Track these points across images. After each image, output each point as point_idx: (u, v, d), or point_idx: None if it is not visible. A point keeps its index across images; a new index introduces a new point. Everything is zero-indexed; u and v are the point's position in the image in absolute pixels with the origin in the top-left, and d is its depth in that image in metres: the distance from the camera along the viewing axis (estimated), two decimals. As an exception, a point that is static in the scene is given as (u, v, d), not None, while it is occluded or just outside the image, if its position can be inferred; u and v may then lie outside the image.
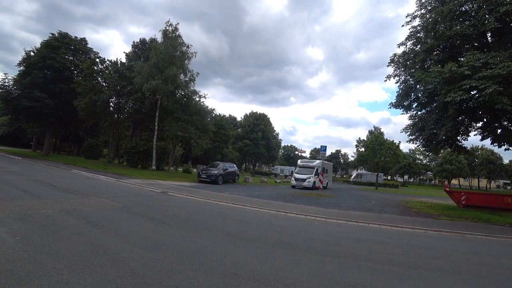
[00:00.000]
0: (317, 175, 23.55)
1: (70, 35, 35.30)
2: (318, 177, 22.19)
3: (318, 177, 22.53)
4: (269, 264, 4.35)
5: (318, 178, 22.22)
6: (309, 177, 24.56)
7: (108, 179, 16.36)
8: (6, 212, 6.07)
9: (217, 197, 12.58)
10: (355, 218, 10.14)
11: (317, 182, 21.85)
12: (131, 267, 3.72)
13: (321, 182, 21.58)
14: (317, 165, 25.73)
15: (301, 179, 24.75)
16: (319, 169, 24.69)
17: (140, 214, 7.47)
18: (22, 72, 32.53)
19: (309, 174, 25.00)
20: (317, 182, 22.41)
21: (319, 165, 25.33)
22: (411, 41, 16.10)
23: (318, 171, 24.60)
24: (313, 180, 24.05)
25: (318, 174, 23.74)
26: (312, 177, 24.48)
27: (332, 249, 5.60)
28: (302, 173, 25.47)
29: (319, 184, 20.56)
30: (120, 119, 33.15)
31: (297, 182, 24.87)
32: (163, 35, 26.67)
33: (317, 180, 22.60)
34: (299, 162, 28.19)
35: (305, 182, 24.32)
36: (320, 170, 24.19)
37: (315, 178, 23.90)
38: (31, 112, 31.55)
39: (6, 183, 10.40)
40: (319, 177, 21.87)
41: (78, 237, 4.85)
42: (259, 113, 60.84)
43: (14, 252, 3.90)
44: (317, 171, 24.73)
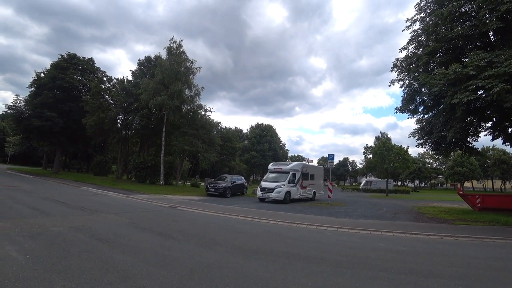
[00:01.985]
0: (294, 182, 18.79)
1: (78, 56, 36.40)
2: (296, 185, 18.73)
3: (295, 185, 18.71)
4: (281, 278, 4.22)
5: (295, 186, 18.66)
6: (279, 186, 17.88)
7: (117, 195, 16.42)
8: (17, 231, 6.10)
9: (226, 210, 12.47)
10: (367, 226, 9.91)
11: (297, 192, 18.87)
12: (141, 285, 3.65)
13: (302, 188, 18.99)
14: (292, 168, 19.56)
15: (268, 188, 18.07)
16: (297, 174, 19.21)
17: (149, 229, 7.42)
18: (33, 93, 33.57)
19: (280, 182, 18.36)
20: (295, 191, 18.64)
21: (296, 168, 19.58)
22: (413, 45, 16.06)
23: (296, 176, 19.06)
24: (286, 189, 17.84)
25: (295, 181, 18.91)
26: (283, 185, 17.94)
27: (345, 260, 5.43)
28: (271, 181, 19.00)
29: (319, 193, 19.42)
30: (127, 136, 33.58)
31: (263, 193, 18.29)
32: (168, 52, 27.24)
33: (294, 189, 18.54)
34: (269, 166, 21.52)
35: (273, 192, 17.63)
36: (299, 176, 19.28)
37: (289, 187, 18.19)
38: (42, 131, 32.29)
39: (18, 201, 10.52)
40: (297, 185, 18.71)
41: (88, 254, 4.81)
42: (265, 125, 61.09)
43: (24, 270, 3.88)
44: (293, 178, 18.88)
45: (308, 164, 23.75)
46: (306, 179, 20.47)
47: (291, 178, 18.61)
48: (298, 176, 19.20)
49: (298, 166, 19.97)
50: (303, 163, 21.22)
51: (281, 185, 18.01)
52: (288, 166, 20.29)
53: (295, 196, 18.62)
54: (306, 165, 21.98)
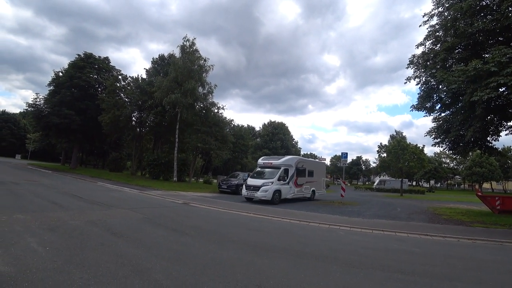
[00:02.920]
0: (286, 179, 16.36)
1: (94, 55, 37.36)
2: (289, 182, 16.45)
3: (287, 182, 16.37)
4: (294, 276, 4.22)
5: (288, 184, 16.38)
6: (266, 184, 15.37)
7: (131, 191, 16.78)
8: (37, 223, 6.34)
9: (238, 207, 12.54)
10: (380, 226, 9.75)
11: (290, 190, 16.54)
12: (155, 279, 3.72)
13: (297, 186, 16.98)
14: (284, 163, 16.74)
15: (254, 186, 15.60)
16: (291, 169, 16.73)
17: (163, 225, 7.55)
18: (52, 92, 34.75)
19: (268, 179, 15.87)
20: (287, 190, 16.24)
21: (289, 163, 16.88)
22: (430, 40, 15.58)
23: (288, 173, 16.57)
24: (275, 187, 15.33)
25: (288, 178, 16.49)
26: (271, 183, 15.41)
27: (358, 260, 5.36)
28: (259, 177, 16.54)
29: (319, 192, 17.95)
30: (142, 133, 34.20)
31: (248, 191, 15.83)
32: (181, 50, 27.55)
33: (286, 188, 16.18)
34: (259, 161, 18.72)
35: (259, 191, 15.18)
36: (293, 172, 16.80)
37: (280, 185, 15.72)
38: (60, 128, 33.36)
39: (38, 195, 10.93)
40: (290, 183, 16.48)
41: (104, 248, 4.95)
42: (277, 122, 60.93)
43: (45, 262, 4.03)
44: (285, 174, 16.33)
45: (305, 159, 20.80)
46: (302, 176, 17.95)
47: (282, 175, 16.03)
48: (292, 173, 16.74)
49: (292, 161, 17.17)
50: (299, 157, 18.45)
51: (268, 182, 15.44)
52: (279, 160, 17.18)
53: (287, 195, 16.35)
54: (303, 159, 19.23)
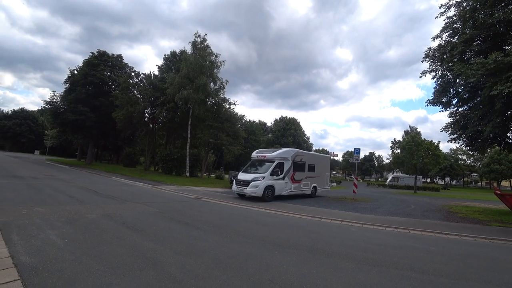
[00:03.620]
0: (281, 174, 14.87)
1: (107, 53, 38.01)
2: (284, 177, 15.00)
3: (282, 177, 14.91)
4: (306, 272, 4.21)
5: (283, 179, 14.93)
6: (257, 179, 13.99)
7: (145, 185, 17.11)
8: (56, 216, 6.56)
9: (249, 203, 12.59)
10: (394, 224, 9.59)
11: (286, 186, 15.14)
12: (168, 272, 3.79)
13: (294, 181, 15.66)
14: (278, 156, 15.16)
15: (244, 181, 14.19)
16: (286, 163, 15.27)
17: (176, 219, 7.67)
18: (68, 89, 35.67)
19: (260, 173, 14.50)
20: (281, 185, 14.84)
21: (284, 156, 15.32)
22: (447, 32, 15.05)
23: (284, 167, 15.11)
24: (266, 183, 13.90)
25: (283, 172, 15.03)
26: (263, 178, 14.01)
27: (371, 257, 5.31)
28: (250, 172, 15.27)
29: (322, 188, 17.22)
30: (154, 129, 34.74)
31: (238, 186, 14.45)
32: (192, 47, 27.70)
33: (280, 183, 14.78)
34: (253, 154, 17.08)
35: (249, 187, 13.78)
36: (289, 166, 15.35)
37: (272, 180, 14.29)
38: (76, 125, 34.26)
39: (56, 189, 11.29)
40: (285, 178, 15.05)
41: (119, 241, 5.07)
42: (289, 118, 60.59)
43: (64, 253, 4.17)
44: (279, 168, 14.82)
45: (305, 152, 18.99)
46: (300, 171, 16.45)
47: (275, 169, 14.54)
48: (288, 167, 15.28)
49: (288, 154, 15.63)
50: (296, 150, 16.90)
51: (259, 177, 14.07)
52: (273, 153, 15.56)
53: (282, 192, 14.98)
54: (302, 152, 17.48)
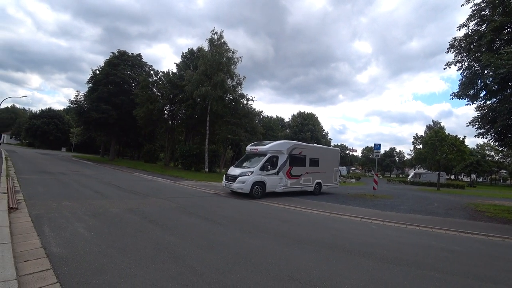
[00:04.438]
0: (274, 168, 13.58)
1: (127, 52, 39.05)
2: (278, 172, 13.70)
3: (276, 172, 13.62)
4: (325, 269, 4.19)
5: (277, 174, 13.64)
6: (244, 174, 12.86)
7: (165, 181, 17.54)
8: (83, 210, 6.88)
9: (268, 199, 12.62)
10: (416, 222, 9.32)
11: (281, 182, 13.81)
12: (190, 265, 3.89)
13: (291, 177, 14.26)
14: (271, 149, 13.82)
15: (232, 176, 13.16)
16: (281, 157, 13.93)
17: (196, 214, 7.83)
18: (91, 89, 37.05)
19: (249, 168, 13.32)
20: (275, 181, 13.58)
21: (278, 149, 13.97)
22: (474, 21, 14.24)
23: (278, 161, 13.80)
24: (255, 178, 12.72)
25: (277, 167, 13.70)
26: (251, 173, 12.82)
27: (392, 255, 5.20)
28: (240, 166, 14.11)
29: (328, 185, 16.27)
30: (174, 125, 35.43)
31: (226, 182, 13.40)
32: (210, 43, 27.88)
33: (274, 179, 13.51)
34: (247, 147, 15.84)
35: (235, 182, 12.69)
36: (284, 160, 13.98)
37: (263, 175, 13.06)
38: (99, 122, 35.58)
39: (82, 184, 11.81)
40: (280, 173, 13.74)
41: (142, 234, 5.25)
42: (307, 113, 60.00)
43: (91, 245, 4.38)
44: (271, 162, 13.54)
45: (306, 144, 17.20)
46: (300, 165, 15.01)
47: (266, 163, 13.27)
48: (283, 161, 13.96)
49: (283, 146, 14.23)
50: (294, 142, 15.45)
51: (247, 172, 12.90)
52: (266, 146, 14.13)
53: (276, 188, 13.68)
54: (301, 145, 15.76)
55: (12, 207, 6.25)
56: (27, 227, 5.08)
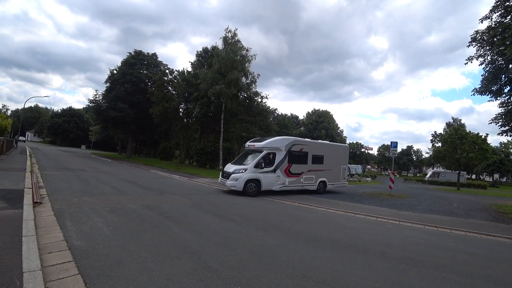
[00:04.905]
0: (271, 166, 13.12)
1: (143, 52, 39.80)
2: (276, 170, 13.18)
3: (273, 170, 13.10)
4: (340, 268, 4.16)
5: (274, 172, 13.12)
6: (238, 171, 12.59)
7: (181, 178, 17.83)
8: (102, 206, 7.10)
9: (282, 196, 12.61)
10: (434, 222, 9.07)
11: (279, 180, 13.26)
12: (205, 261, 3.96)
13: (290, 175, 13.61)
14: (267, 146, 13.33)
15: (227, 173, 12.92)
16: (279, 153, 13.36)
17: (211, 211, 7.94)
18: (108, 88, 38.07)
19: (244, 165, 13.05)
20: (271, 179, 13.05)
21: (275, 146, 13.39)
22: (498, 12, 13.55)
23: (275, 158, 13.28)
24: (249, 176, 12.38)
25: (274, 164, 13.18)
26: (245, 170, 12.52)
27: (409, 256, 5.09)
28: (237, 163, 13.85)
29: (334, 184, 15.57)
30: (189, 123, 35.93)
31: (222, 179, 13.19)
32: (224, 42, 28.02)
33: (270, 176, 13.01)
34: (246, 144, 15.37)
35: (229, 179, 12.52)
36: (282, 157, 13.38)
37: (258, 172, 12.65)
38: (117, 121, 36.53)
39: (100, 181, 12.19)
40: (277, 171, 13.19)
41: (158, 230, 5.38)
42: (322, 111, 59.39)
43: (110, 240, 4.52)
44: (267, 159, 13.09)
45: (308, 140, 16.16)
46: (300, 162, 14.28)
47: (261, 160, 12.83)
48: (281, 158, 13.38)
49: (282, 143, 13.61)
50: (294, 138, 14.71)
51: (241, 169, 12.61)
52: (262, 142, 13.72)
53: (273, 187, 13.15)
54: (302, 141, 14.93)
55: (36, 201, 6.53)
56: (50, 221, 5.30)
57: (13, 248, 3.62)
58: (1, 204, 5.90)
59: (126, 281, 3.14)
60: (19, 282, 2.79)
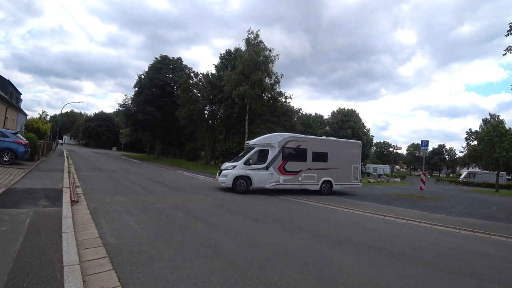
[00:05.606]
0: (264, 163, 12.84)
1: (169, 57, 41.26)
2: (269, 167, 12.81)
3: (265, 167, 12.78)
4: (369, 272, 4.04)
5: (266, 169, 12.77)
6: (228, 167, 12.83)
7: (206, 178, 18.21)
8: (133, 205, 7.41)
9: (307, 197, 12.47)
10: (470, 226, 8.54)
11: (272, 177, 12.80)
12: (231, 260, 4.01)
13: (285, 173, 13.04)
14: (259, 143, 13.40)
15: (221, 170, 13.20)
16: (271, 150, 13.02)
17: (236, 211, 8.03)
18: (137, 92, 39.91)
19: (235, 162, 13.19)
20: (263, 176, 12.71)
21: (266, 142, 13.28)
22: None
23: (267, 155, 12.99)
24: (237, 172, 12.42)
25: (267, 161, 12.87)
26: (234, 167, 12.65)
27: (442, 262, 4.83)
28: (232, 161, 13.82)
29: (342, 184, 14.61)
30: (214, 125, 36.59)
31: (218, 176, 13.33)
32: (246, 43, 28.22)
33: (262, 174, 12.71)
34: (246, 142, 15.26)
35: (220, 176, 12.85)
36: (275, 154, 12.96)
37: (248, 170, 12.55)
38: (145, 123, 38.10)
39: (131, 181, 12.73)
40: (270, 168, 12.79)
41: (186, 229, 5.52)
42: (347, 109, 58.14)
43: (141, 238, 4.70)
44: (259, 156, 12.96)
45: (306, 136, 15.30)
46: (297, 160, 13.58)
47: (252, 157, 12.75)
48: (273, 155, 12.96)
49: (274, 139, 13.27)
50: (289, 134, 14.26)
51: (230, 166, 12.80)
52: (256, 139, 14.00)
53: (265, 184, 12.82)
54: (299, 137, 14.32)
55: (74, 200, 6.95)
56: (86, 219, 5.61)
57: (54, 243, 3.88)
58: (44, 202, 6.34)
59: (157, 278, 3.25)
60: (60, 275, 2.98)
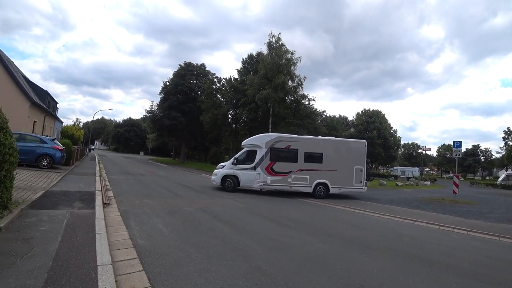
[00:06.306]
0: (251, 163, 13.19)
1: (192, 63, 42.46)
2: (256, 167, 13.04)
3: (253, 167, 13.07)
4: (400, 280, 3.88)
5: (254, 169, 13.05)
6: (219, 167, 13.79)
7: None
8: (160, 208, 7.65)
9: (333, 201, 12.24)
10: (511, 234, 7.93)
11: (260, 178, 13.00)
12: (258, 265, 4.01)
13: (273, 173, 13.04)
14: (248, 143, 13.89)
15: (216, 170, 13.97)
16: (259, 151, 13.24)
17: (262, 215, 8.04)
18: (162, 99, 41.43)
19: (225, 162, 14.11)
20: (250, 176, 13.06)
21: (255, 143, 13.62)
22: None
23: (254, 155, 13.28)
24: (225, 172, 13.14)
25: (254, 161, 13.17)
26: (223, 166, 13.61)
27: (481, 272, 4.53)
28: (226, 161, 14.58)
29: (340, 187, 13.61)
30: (238, 129, 36.97)
31: None
32: (268, 47, 28.29)
33: (249, 174, 13.06)
34: None
35: (213, 175, 13.83)
36: (263, 154, 13.12)
37: (236, 169, 13.15)
38: (171, 129, 39.37)
39: (158, 184, 13.14)
40: (258, 168, 12.99)
41: (213, 233, 5.60)
42: (373, 110, 56.39)
43: (169, 240, 4.84)
44: (247, 156, 13.43)
45: (296, 136, 14.83)
46: (287, 161, 13.34)
47: (240, 157, 13.38)
48: (261, 155, 13.10)
49: (261, 140, 13.45)
50: (277, 134, 14.22)
51: (221, 166, 13.72)
52: (246, 140, 14.54)
53: (253, 184, 13.10)
54: (289, 137, 14.01)
55: (105, 202, 7.30)
56: (117, 220, 5.87)
57: (89, 243, 4.09)
58: (78, 204, 6.73)
59: (185, 280, 3.32)
60: (94, 274, 3.15)
